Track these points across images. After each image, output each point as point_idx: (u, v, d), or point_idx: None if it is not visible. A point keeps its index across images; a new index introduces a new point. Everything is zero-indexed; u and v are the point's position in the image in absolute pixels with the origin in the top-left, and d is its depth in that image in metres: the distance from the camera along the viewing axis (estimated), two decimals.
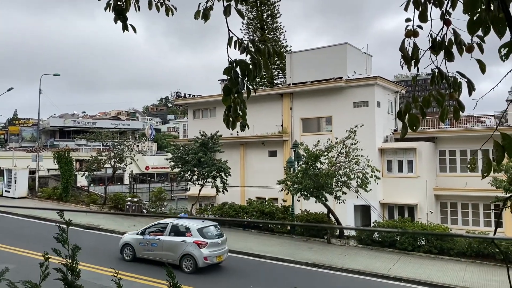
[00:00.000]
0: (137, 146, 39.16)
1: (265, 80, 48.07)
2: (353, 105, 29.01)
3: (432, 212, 26.74)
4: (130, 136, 58.53)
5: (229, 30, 2.84)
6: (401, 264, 17.89)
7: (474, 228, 25.72)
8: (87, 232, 22.26)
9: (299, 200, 24.07)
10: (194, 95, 69.20)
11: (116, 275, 2.55)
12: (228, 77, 2.69)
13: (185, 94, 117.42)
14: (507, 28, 2.21)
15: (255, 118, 31.16)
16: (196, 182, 27.14)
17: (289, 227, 23.49)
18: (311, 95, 30.93)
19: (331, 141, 22.46)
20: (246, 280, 15.37)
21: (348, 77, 29.58)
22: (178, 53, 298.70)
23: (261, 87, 46.22)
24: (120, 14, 3.35)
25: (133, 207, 27.84)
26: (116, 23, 3.40)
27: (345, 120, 26.96)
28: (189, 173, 27.07)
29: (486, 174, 2.50)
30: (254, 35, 48.44)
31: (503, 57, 2.26)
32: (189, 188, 34.29)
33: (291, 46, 49.45)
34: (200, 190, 27.50)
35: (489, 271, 17.27)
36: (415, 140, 26.85)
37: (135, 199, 29.25)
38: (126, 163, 31.71)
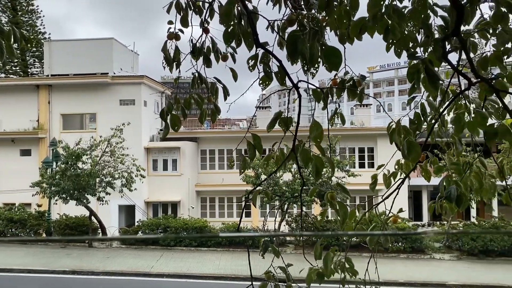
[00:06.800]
0: None
1: (17, 68, 42.24)
2: (119, 103, 28.37)
3: (193, 207, 28.59)
4: None
5: None
6: (164, 260, 18.44)
7: (229, 220, 28.67)
8: None
9: (56, 203, 22.22)
10: None
11: None
12: None
13: None
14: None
15: (4, 112, 27.50)
16: None
17: (44, 234, 21.35)
18: (74, 89, 28.71)
19: (95, 140, 21.59)
20: None
21: (115, 73, 28.76)
22: None
23: (11, 75, 40.54)
24: None
25: None
26: None
27: (111, 118, 26.04)
28: None
29: (243, 170, 2.82)
30: (4, 15, 41.85)
31: (250, 68, 2.57)
32: None
33: (50, 34, 44.74)
34: None
35: (239, 257, 19.55)
36: (179, 140, 28.22)
37: None
38: None
